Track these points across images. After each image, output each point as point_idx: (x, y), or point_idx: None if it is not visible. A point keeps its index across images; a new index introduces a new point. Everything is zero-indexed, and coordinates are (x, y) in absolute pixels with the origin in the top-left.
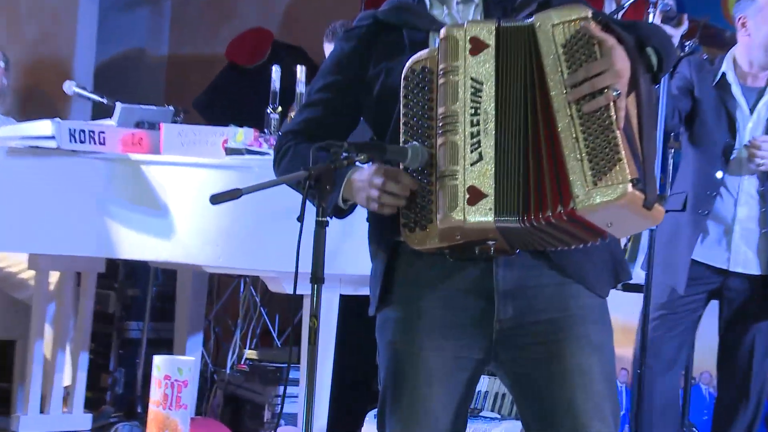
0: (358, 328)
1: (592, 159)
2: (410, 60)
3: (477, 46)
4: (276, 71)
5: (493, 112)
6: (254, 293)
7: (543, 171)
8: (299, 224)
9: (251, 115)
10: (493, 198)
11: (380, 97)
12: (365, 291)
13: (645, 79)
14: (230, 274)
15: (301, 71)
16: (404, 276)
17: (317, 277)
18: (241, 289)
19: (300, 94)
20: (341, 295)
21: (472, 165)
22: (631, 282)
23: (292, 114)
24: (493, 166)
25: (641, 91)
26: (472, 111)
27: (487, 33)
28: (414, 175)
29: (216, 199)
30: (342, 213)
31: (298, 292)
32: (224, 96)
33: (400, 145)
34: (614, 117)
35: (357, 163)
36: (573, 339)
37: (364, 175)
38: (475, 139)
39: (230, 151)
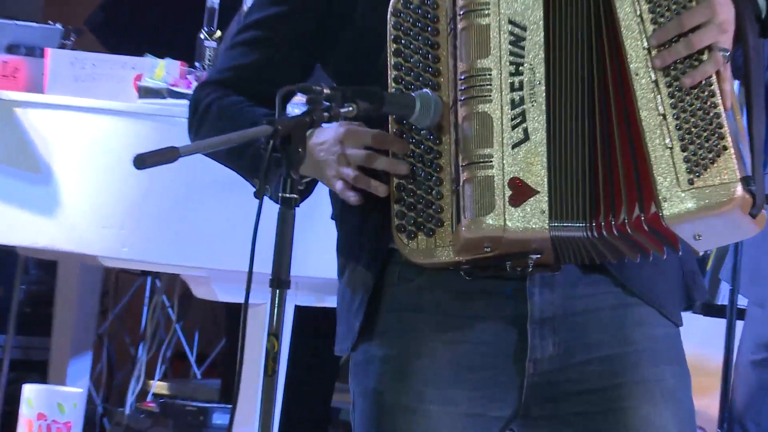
0: (305, 352)
1: (687, 147)
2: None
3: None
4: None
5: (543, 71)
6: (167, 300)
7: (615, 159)
8: (256, 202)
9: (176, 40)
10: (546, 195)
11: (357, 42)
12: (331, 302)
13: (753, 33)
14: (135, 270)
15: None
16: (396, 298)
17: (281, 280)
18: (147, 293)
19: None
20: (296, 308)
21: (514, 147)
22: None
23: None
24: (545, 148)
25: (749, 50)
26: (513, 69)
27: None
28: (414, 151)
29: (144, 161)
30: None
31: (230, 300)
32: (135, 12)
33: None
34: (718, 90)
35: (342, 119)
36: (640, 384)
37: (327, 136)
38: (517, 110)
39: (145, 93)
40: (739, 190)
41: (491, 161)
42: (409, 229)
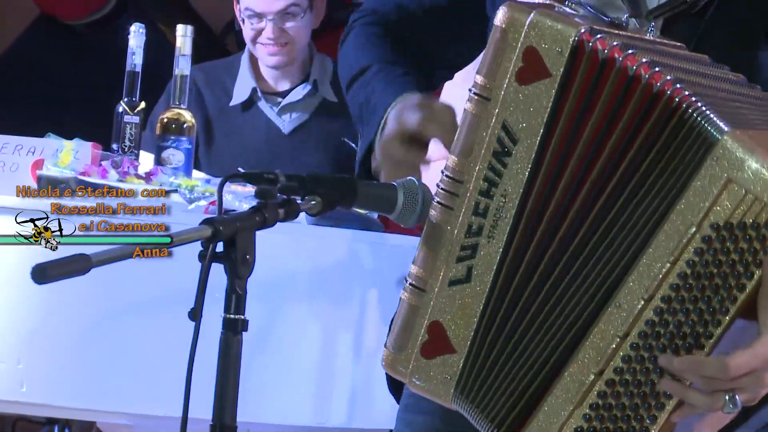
0: None
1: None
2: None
3: (533, 66)
4: (137, 33)
5: (516, 206)
6: None
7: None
8: (190, 327)
9: (87, 114)
10: (462, 360)
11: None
12: None
13: None
14: (38, 418)
15: (184, 33)
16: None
17: (224, 426)
18: None
19: (181, 76)
20: None
21: (450, 285)
22: None
23: (168, 115)
24: (483, 302)
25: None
26: (483, 187)
27: (556, 48)
28: None
29: (46, 273)
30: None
31: None
32: (32, 77)
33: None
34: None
35: (304, 213)
36: None
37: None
38: (471, 240)
39: (48, 185)
40: None
41: (423, 291)
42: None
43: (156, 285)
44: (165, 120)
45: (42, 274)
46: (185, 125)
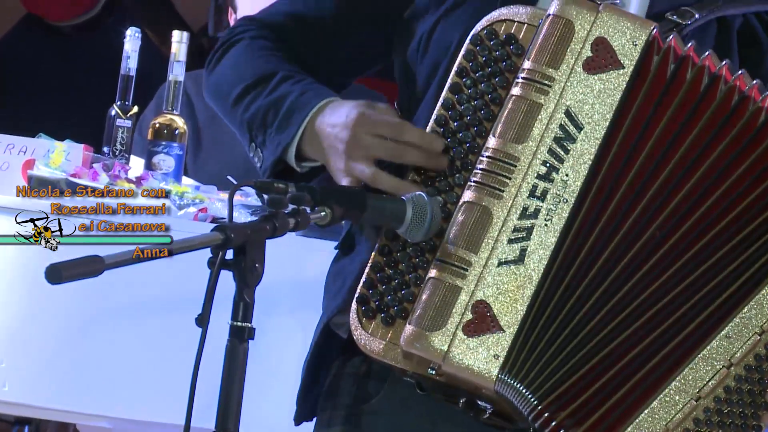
0: None
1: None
2: (491, 15)
3: (602, 56)
4: (133, 37)
5: (578, 190)
6: None
7: (615, 358)
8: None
9: (79, 116)
10: (511, 339)
11: (421, 55)
12: None
13: None
14: (8, 417)
15: (180, 39)
16: (349, 389)
17: (226, 430)
18: None
19: (175, 82)
20: None
21: (500, 265)
22: None
23: (160, 120)
24: (536, 284)
25: None
26: (543, 171)
27: (631, 41)
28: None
29: (60, 274)
30: (290, 177)
31: None
32: (17, 77)
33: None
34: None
35: (312, 223)
36: None
37: (339, 117)
38: (525, 222)
39: (38, 184)
40: None
41: (466, 271)
42: (370, 306)
43: (141, 289)
44: (157, 125)
45: (56, 274)
46: (177, 131)
